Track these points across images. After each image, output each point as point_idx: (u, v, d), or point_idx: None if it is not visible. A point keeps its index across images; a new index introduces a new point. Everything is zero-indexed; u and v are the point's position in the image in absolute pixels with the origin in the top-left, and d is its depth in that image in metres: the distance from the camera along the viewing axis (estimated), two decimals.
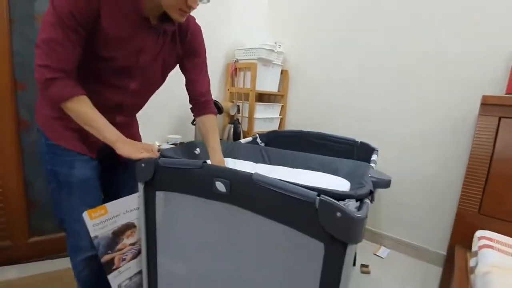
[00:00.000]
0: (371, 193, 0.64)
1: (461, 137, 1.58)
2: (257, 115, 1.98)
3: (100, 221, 0.72)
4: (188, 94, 1.05)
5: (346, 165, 1.02)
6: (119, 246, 0.77)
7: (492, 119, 1.32)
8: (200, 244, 0.79)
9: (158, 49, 0.87)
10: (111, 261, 0.75)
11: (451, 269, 1.35)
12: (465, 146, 1.57)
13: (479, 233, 1.27)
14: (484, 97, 1.34)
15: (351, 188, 0.83)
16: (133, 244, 0.83)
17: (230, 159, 1.12)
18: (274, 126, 2.20)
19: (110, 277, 0.76)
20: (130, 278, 0.84)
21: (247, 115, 2.00)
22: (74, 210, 0.80)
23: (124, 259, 0.79)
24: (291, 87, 2.24)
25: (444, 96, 1.63)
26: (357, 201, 0.63)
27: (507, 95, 1.34)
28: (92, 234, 0.71)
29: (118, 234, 0.76)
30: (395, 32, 1.77)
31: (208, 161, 0.94)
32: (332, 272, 0.58)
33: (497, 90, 1.47)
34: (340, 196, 0.61)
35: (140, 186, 0.81)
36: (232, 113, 1.97)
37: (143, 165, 0.77)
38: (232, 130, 1.89)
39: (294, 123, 2.25)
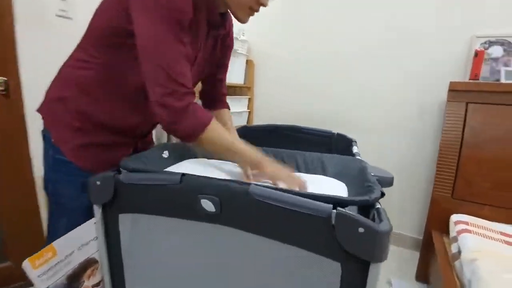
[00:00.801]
0: (382, 196, 0.55)
1: (429, 121, 1.62)
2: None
3: (48, 267, 0.54)
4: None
5: (332, 162, 0.91)
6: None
7: (459, 105, 1.35)
8: (183, 276, 0.64)
9: (207, 55, 0.79)
10: None
11: (429, 254, 1.38)
12: (434, 130, 1.61)
13: (454, 217, 1.31)
14: (451, 83, 1.37)
15: (350, 191, 0.72)
16: (97, 284, 0.66)
17: (205, 159, 0.97)
18: (243, 121, 2.08)
19: None
20: None
21: None
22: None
23: None
24: (258, 78, 2.12)
25: (411, 81, 1.64)
26: (363, 207, 0.54)
27: (472, 81, 1.38)
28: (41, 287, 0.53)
29: (75, 277, 0.58)
30: (361, 16, 1.73)
31: (188, 169, 0.78)
32: None
33: (462, 75, 1.51)
34: (353, 203, 0.53)
35: (97, 210, 0.64)
36: None
37: (98, 182, 0.60)
38: None
39: (263, 116, 2.15)
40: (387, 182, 0.69)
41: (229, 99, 1.92)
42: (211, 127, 0.63)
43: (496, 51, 1.42)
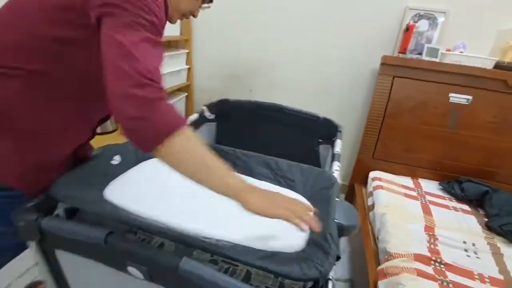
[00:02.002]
0: (337, 259, 0.52)
1: (360, 90, 1.77)
2: (163, 69, 1.64)
3: None
4: None
5: (304, 175, 0.80)
6: None
7: (387, 78, 1.50)
8: None
9: None
10: None
11: (352, 202, 1.71)
12: (362, 98, 1.78)
13: (372, 174, 1.60)
14: (383, 57, 1.49)
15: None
16: None
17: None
18: (182, 80, 1.92)
19: None
20: None
21: None
22: None
23: None
24: (196, 28, 1.90)
25: (346, 51, 1.71)
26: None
27: (400, 56, 1.52)
28: None
29: None
30: None
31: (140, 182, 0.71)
32: None
33: (393, 46, 1.63)
34: (304, 280, 0.48)
35: (32, 244, 0.62)
36: None
37: (22, 223, 0.56)
38: None
39: (204, 72, 2.01)
40: (349, 231, 0.61)
41: (166, 57, 1.73)
42: (186, 131, 0.53)
43: (423, 25, 1.55)
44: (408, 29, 1.49)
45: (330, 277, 0.50)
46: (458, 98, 1.45)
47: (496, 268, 1.04)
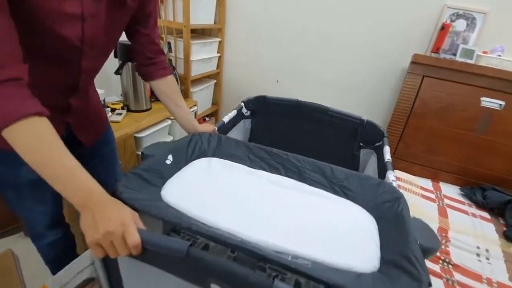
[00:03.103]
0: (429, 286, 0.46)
1: (388, 87, 1.75)
2: (193, 56, 1.74)
3: None
4: (137, 53, 0.85)
5: (362, 185, 0.75)
6: None
7: (417, 77, 1.48)
8: None
9: (103, 9, 0.62)
10: None
11: None
12: (388, 96, 1.77)
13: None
14: (414, 55, 1.46)
15: (381, 237, 0.62)
16: None
17: (215, 159, 0.86)
18: (212, 67, 2.00)
19: None
20: None
21: (181, 56, 1.74)
22: (26, 210, 0.78)
23: None
24: (229, 18, 1.96)
25: (377, 47, 1.69)
26: None
27: (432, 56, 1.49)
28: None
29: None
30: None
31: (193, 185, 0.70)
32: None
33: (426, 44, 1.59)
34: None
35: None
36: None
37: None
38: None
39: (233, 61, 2.08)
40: (430, 253, 0.55)
41: (199, 44, 1.81)
42: (25, 124, 0.45)
43: (460, 24, 1.50)
44: (444, 28, 1.46)
45: None
46: (490, 102, 1.41)
47: (506, 275, 1.03)
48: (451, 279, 0.97)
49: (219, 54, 2.00)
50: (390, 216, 0.66)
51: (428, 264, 1.01)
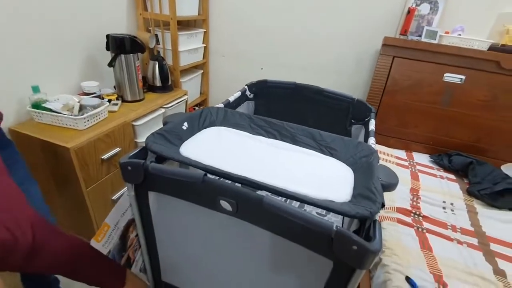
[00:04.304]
0: (382, 207, 0.61)
1: (362, 69, 1.91)
2: (181, 47, 1.82)
3: (106, 238, 0.73)
4: None
5: (346, 146, 0.92)
6: (128, 243, 0.81)
7: (388, 58, 1.64)
8: (200, 245, 0.81)
9: None
10: (128, 258, 0.81)
11: None
12: (365, 77, 1.92)
13: None
14: (385, 38, 1.62)
15: (356, 180, 0.79)
16: (136, 235, 0.88)
17: (223, 128, 1.02)
18: (199, 57, 2.09)
19: (133, 269, 0.83)
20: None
21: (169, 47, 1.81)
22: None
23: (135, 249, 0.85)
24: (212, 9, 2.04)
25: (352, 32, 1.84)
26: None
27: (401, 37, 1.64)
28: (105, 252, 0.73)
29: (124, 235, 0.79)
30: None
31: (204, 145, 0.86)
32: None
33: (395, 29, 1.75)
34: (355, 217, 0.60)
35: (130, 187, 0.77)
36: (151, 46, 1.75)
37: (129, 168, 0.71)
38: (157, 68, 1.73)
39: (219, 51, 2.17)
40: (391, 187, 0.72)
41: (186, 35, 1.90)
42: None
43: (424, 8, 1.66)
44: (410, 12, 1.61)
45: (377, 219, 0.60)
46: (452, 77, 1.58)
47: (468, 222, 1.22)
48: (421, 227, 1.14)
49: (204, 45, 2.09)
50: (364, 166, 0.82)
51: (401, 216, 1.18)
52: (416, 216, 1.20)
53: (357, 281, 0.63)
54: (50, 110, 1.20)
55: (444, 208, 1.28)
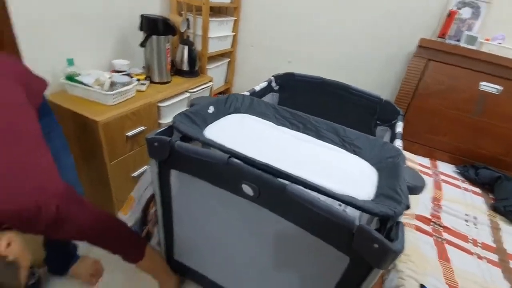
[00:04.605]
0: (407, 208, 0.59)
1: (392, 69, 1.85)
2: (211, 33, 1.82)
3: (132, 210, 0.76)
4: None
5: (370, 144, 0.89)
6: (149, 218, 0.84)
7: (422, 60, 1.58)
8: (216, 227, 0.82)
9: None
10: (148, 231, 0.84)
11: None
12: (394, 78, 1.86)
13: None
14: (421, 39, 1.56)
15: (380, 181, 0.76)
16: (156, 210, 0.91)
17: (247, 115, 1.01)
18: (227, 45, 2.09)
19: (152, 243, 0.86)
20: None
21: (199, 33, 1.82)
22: None
23: (154, 224, 0.88)
24: None
25: (385, 30, 1.77)
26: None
27: (439, 40, 1.58)
28: (130, 224, 0.76)
29: (146, 209, 0.82)
30: None
31: (228, 130, 0.86)
32: (348, 285, 0.62)
33: (432, 30, 1.68)
34: (377, 215, 0.58)
35: (154, 163, 0.79)
36: (182, 30, 1.76)
37: (156, 144, 0.74)
38: (186, 52, 1.74)
39: (247, 40, 2.16)
40: (417, 190, 0.70)
41: (217, 22, 1.90)
42: None
43: (466, 12, 1.58)
44: (450, 15, 1.54)
45: (400, 220, 0.58)
46: (488, 87, 1.51)
47: (491, 238, 1.17)
48: (440, 237, 1.10)
49: (234, 33, 2.08)
50: (389, 166, 0.81)
51: (420, 224, 1.15)
52: (436, 225, 1.16)
53: (373, 281, 0.61)
54: (83, 83, 1.24)
55: (466, 220, 1.23)
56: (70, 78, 1.27)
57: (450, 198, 1.35)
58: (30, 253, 0.60)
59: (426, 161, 1.66)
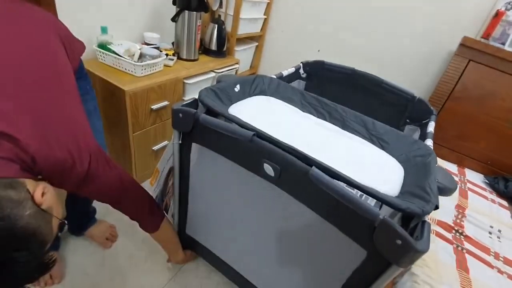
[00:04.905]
0: (435, 209, 0.56)
1: (429, 67, 1.75)
2: (243, 14, 1.79)
3: (157, 181, 0.77)
4: None
5: (400, 140, 0.84)
6: (167, 191, 0.85)
7: (463, 60, 1.48)
8: (231, 205, 0.81)
9: None
10: (166, 203, 0.85)
11: None
12: (430, 77, 1.76)
13: None
14: (464, 38, 1.45)
15: (406, 179, 0.72)
16: (173, 183, 0.92)
17: (273, 98, 0.98)
18: (257, 28, 2.05)
19: (168, 215, 0.88)
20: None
21: (231, 13, 1.79)
22: None
23: (170, 197, 0.90)
24: None
25: (425, 26, 1.67)
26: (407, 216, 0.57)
27: (482, 40, 1.47)
28: (154, 195, 0.78)
29: (166, 181, 0.83)
30: None
31: (253, 110, 0.84)
32: (362, 280, 0.59)
33: (476, 30, 1.56)
34: (403, 211, 0.55)
35: (177, 135, 0.78)
36: (214, 8, 1.74)
37: (180, 115, 0.73)
38: (215, 31, 1.72)
39: (278, 25, 2.11)
40: (448, 192, 0.66)
41: (250, 2, 1.85)
42: None
43: None
44: (497, 15, 1.43)
45: (427, 219, 0.55)
46: None
47: None
48: (461, 246, 1.05)
49: (265, 16, 2.04)
50: (418, 165, 0.76)
51: (441, 230, 1.10)
52: (458, 234, 1.11)
53: (388, 279, 0.59)
54: (114, 52, 1.25)
55: (490, 233, 1.17)
56: (102, 46, 1.28)
57: (475, 208, 1.28)
58: (62, 206, 0.62)
59: (453, 167, 1.58)
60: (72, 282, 1.06)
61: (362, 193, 0.59)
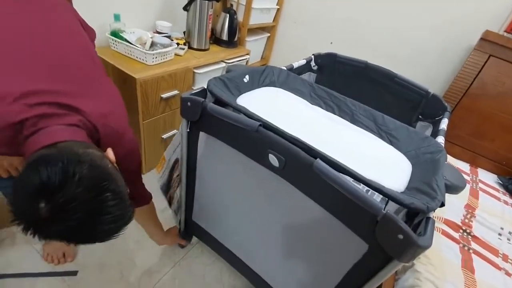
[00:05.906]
0: (441, 206, 0.55)
1: (446, 62, 1.69)
2: (255, 4, 1.76)
3: (163, 170, 0.79)
4: None
5: (409, 136, 0.82)
6: (172, 182, 0.87)
7: (482, 55, 1.42)
8: (235, 194, 0.82)
9: None
10: (170, 197, 0.87)
11: None
12: (447, 72, 1.71)
13: None
14: (486, 32, 1.39)
15: (414, 175, 0.71)
16: (178, 175, 0.93)
17: (282, 90, 0.97)
18: (269, 19, 2.02)
19: (172, 208, 0.90)
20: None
21: (243, 3, 1.77)
22: None
23: (174, 190, 0.91)
24: None
25: (444, 20, 1.61)
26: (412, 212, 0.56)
27: (504, 34, 1.40)
28: (159, 185, 0.79)
29: (171, 172, 0.84)
30: None
31: (260, 101, 0.83)
32: (362, 274, 0.59)
33: (500, 24, 1.49)
34: (408, 207, 0.54)
35: (185, 124, 0.79)
36: None
37: (189, 103, 0.73)
38: (227, 20, 1.71)
39: (291, 17, 2.07)
40: (456, 190, 0.65)
41: None
42: None
43: None
44: None
45: (431, 216, 0.55)
46: None
47: None
48: (468, 246, 1.03)
49: (278, 7, 2.00)
50: (427, 162, 0.75)
51: (447, 229, 1.08)
52: (465, 234, 1.09)
53: (389, 274, 0.58)
54: (126, 40, 1.27)
55: (500, 234, 1.14)
56: (115, 34, 1.30)
57: (486, 209, 1.25)
58: None
59: (465, 166, 1.53)
60: (82, 260, 1.11)
61: (368, 188, 0.59)
